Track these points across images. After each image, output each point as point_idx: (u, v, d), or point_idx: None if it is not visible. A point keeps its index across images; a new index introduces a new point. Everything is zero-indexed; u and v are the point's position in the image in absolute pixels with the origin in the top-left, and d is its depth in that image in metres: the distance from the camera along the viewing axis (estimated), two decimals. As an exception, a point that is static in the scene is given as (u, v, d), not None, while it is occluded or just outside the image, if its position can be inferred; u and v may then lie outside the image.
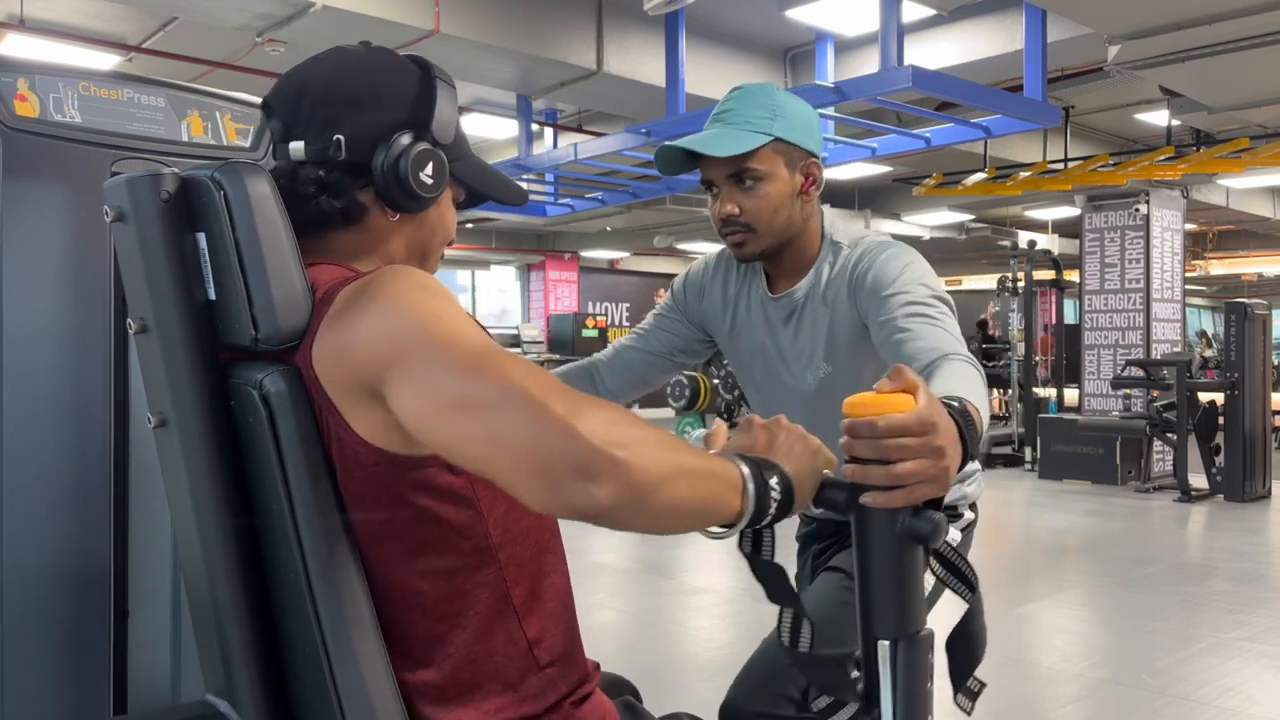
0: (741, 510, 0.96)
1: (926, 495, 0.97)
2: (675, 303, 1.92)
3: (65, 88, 1.60)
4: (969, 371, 1.34)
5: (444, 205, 1.21)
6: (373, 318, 0.96)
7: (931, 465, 0.96)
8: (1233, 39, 5.06)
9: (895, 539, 0.97)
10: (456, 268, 16.43)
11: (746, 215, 1.66)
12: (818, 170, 1.70)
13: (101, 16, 6.43)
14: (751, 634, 4.60)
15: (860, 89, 5.45)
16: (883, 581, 0.98)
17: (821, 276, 1.72)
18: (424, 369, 0.91)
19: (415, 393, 0.91)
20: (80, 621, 1.59)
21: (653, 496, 0.86)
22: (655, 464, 0.87)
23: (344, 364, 0.98)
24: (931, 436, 0.96)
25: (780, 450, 1.02)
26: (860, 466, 0.96)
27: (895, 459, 0.95)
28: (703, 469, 0.93)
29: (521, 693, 1.08)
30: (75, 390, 1.59)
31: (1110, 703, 3.57)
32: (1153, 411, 8.51)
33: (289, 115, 1.13)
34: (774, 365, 1.80)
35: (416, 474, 1.01)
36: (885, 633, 0.98)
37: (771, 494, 0.97)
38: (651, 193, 9.06)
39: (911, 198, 10.54)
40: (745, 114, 1.64)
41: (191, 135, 1.74)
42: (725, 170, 1.65)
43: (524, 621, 1.09)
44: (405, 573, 1.05)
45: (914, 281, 1.57)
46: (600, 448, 0.83)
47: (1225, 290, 21.39)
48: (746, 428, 1.05)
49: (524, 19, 5.95)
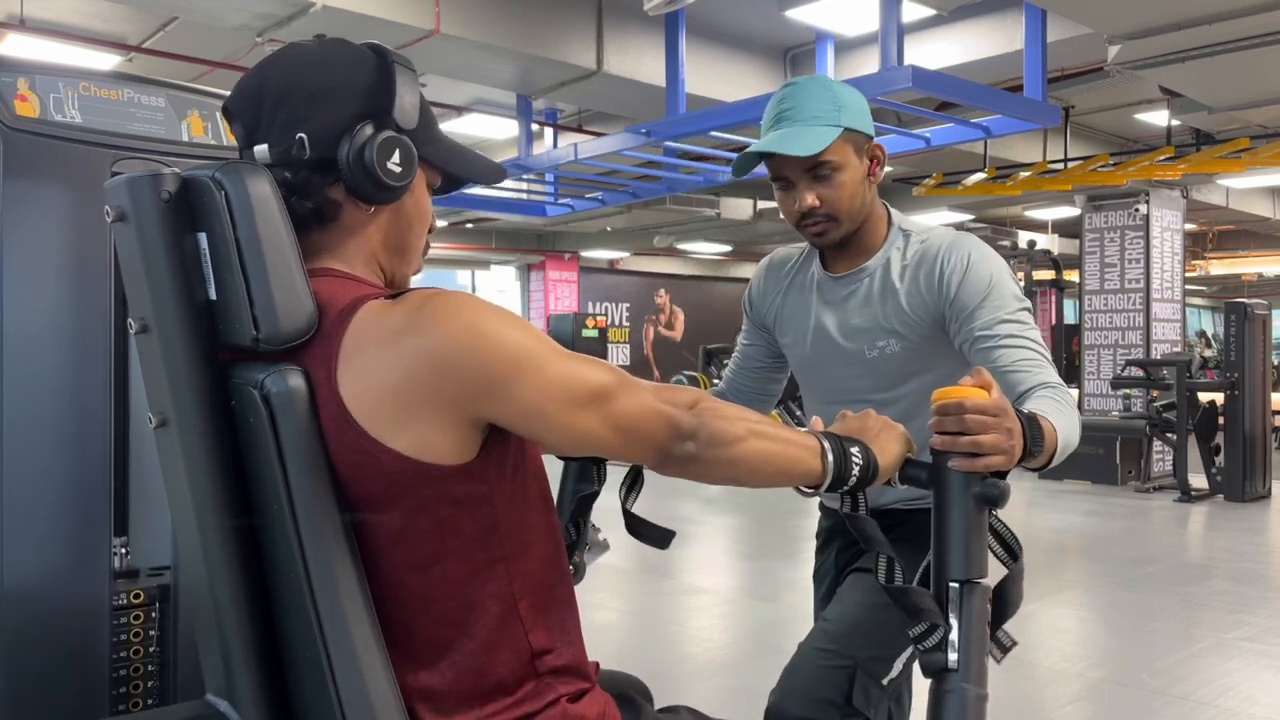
0: (823, 470, 1.16)
1: (997, 465, 1.19)
2: (748, 317, 2.04)
3: (65, 88, 1.60)
4: (1061, 399, 1.54)
5: (419, 192, 1.19)
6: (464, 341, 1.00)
7: (1004, 439, 1.19)
8: (1233, 39, 5.05)
9: (970, 501, 1.18)
10: (456, 268, 16.44)
11: (827, 206, 1.73)
12: (881, 151, 1.80)
13: (101, 16, 6.43)
14: (751, 634, 4.61)
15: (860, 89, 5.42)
16: (958, 534, 1.19)
17: (892, 259, 1.80)
18: (537, 380, 1.01)
19: (536, 401, 1.01)
20: (80, 621, 1.59)
21: (732, 447, 1.09)
22: (730, 425, 1.10)
23: (408, 385, 0.99)
24: (1004, 419, 1.20)
25: (870, 433, 1.24)
26: (949, 436, 1.18)
27: (976, 432, 1.17)
28: (780, 435, 1.15)
29: (518, 696, 1.09)
30: (75, 390, 1.59)
31: (1110, 703, 3.57)
32: (1153, 411, 8.52)
33: (250, 119, 1.12)
34: (828, 342, 1.85)
35: (443, 484, 1.02)
36: (957, 575, 1.18)
37: (853, 460, 1.18)
38: (651, 193, 9.05)
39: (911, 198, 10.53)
40: (811, 109, 1.71)
41: (192, 135, 1.74)
42: (801, 166, 1.71)
43: (530, 633, 1.09)
44: (419, 579, 1.05)
45: (1002, 292, 1.68)
46: (689, 416, 1.08)
47: (1225, 290, 21.38)
48: (841, 418, 1.29)
49: (524, 19, 5.95)
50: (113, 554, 1.63)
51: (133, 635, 1.65)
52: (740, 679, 3.81)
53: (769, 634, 4.42)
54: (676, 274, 18.15)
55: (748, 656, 4.13)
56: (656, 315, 18.08)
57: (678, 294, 18.23)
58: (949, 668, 1.16)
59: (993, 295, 1.67)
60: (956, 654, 1.16)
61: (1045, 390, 1.55)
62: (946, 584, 1.19)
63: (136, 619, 1.65)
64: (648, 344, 17.92)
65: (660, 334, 18.07)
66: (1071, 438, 1.46)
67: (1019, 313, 1.68)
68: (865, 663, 1.62)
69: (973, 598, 1.18)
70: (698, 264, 18.27)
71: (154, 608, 1.67)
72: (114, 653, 1.62)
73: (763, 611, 4.90)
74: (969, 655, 1.16)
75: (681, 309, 18.25)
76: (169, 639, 1.68)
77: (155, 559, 1.69)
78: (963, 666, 1.16)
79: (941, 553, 1.20)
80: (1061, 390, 1.56)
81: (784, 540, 6.71)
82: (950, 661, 1.16)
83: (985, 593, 1.19)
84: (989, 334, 1.65)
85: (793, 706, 1.64)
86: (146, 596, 1.66)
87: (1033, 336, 1.66)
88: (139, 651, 1.65)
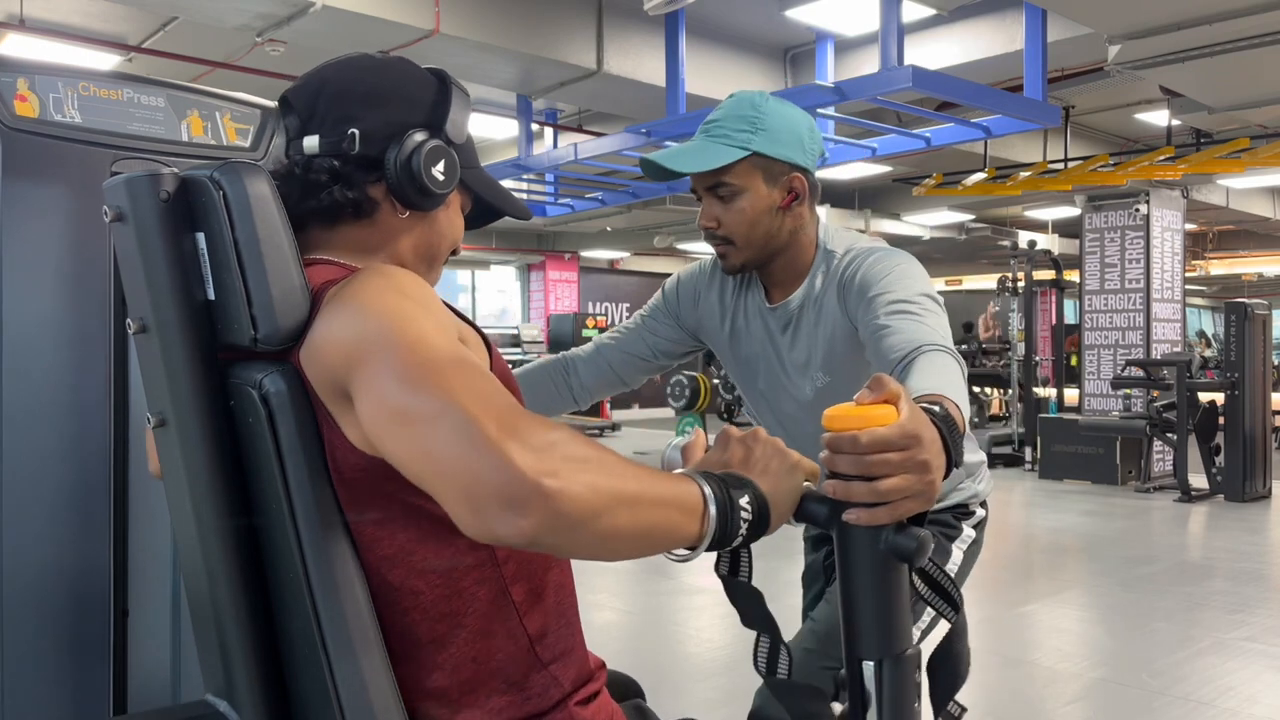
0: (701, 534, 0.93)
1: (911, 511, 0.93)
2: (666, 304, 1.90)
3: (65, 88, 1.60)
4: (947, 363, 1.30)
5: (453, 209, 1.23)
6: (344, 318, 0.97)
7: (916, 480, 0.93)
8: (1233, 39, 5.05)
9: (879, 557, 0.94)
10: (457, 268, 16.43)
11: (724, 228, 1.67)
12: (800, 184, 1.67)
13: (101, 16, 6.43)
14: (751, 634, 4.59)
15: (860, 89, 5.45)
16: (866, 601, 0.96)
17: (815, 285, 1.71)
18: (376, 374, 0.90)
19: (366, 399, 0.91)
20: (80, 621, 1.59)
21: (586, 527, 0.83)
22: (590, 493, 0.82)
23: (320, 364, 0.99)
24: (915, 451, 0.92)
25: (757, 466, 0.98)
26: (843, 483, 0.93)
27: (879, 475, 0.92)
28: (651, 495, 0.89)
29: (526, 692, 1.08)
30: (75, 390, 1.59)
31: (1110, 703, 3.57)
32: (1153, 411, 8.51)
33: (306, 111, 1.15)
34: (775, 374, 1.80)
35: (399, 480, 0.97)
36: (870, 653, 0.95)
37: (741, 514, 0.93)
38: (651, 193, 9.06)
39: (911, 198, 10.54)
40: (726, 126, 1.64)
41: (191, 135, 1.74)
42: (705, 182, 1.66)
43: (525, 618, 1.09)
44: (402, 573, 1.04)
45: (900, 280, 1.53)
46: (529, 476, 0.80)
47: (1225, 290, 21.38)
48: (723, 442, 1.02)
49: (524, 19, 5.95)
50: (112, 553, 1.63)
51: (133, 635, 1.65)
52: (740, 679, 3.81)
53: (769, 634, 4.42)
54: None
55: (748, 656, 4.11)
56: (656, 315, 18.08)
57: (678, 294, 18.23)
58: None
59: (888, 283, 1.52)
60: None
61: (933, 350, 1.33)
62: (859, 664, 0.96)
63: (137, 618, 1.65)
64: (648, 344, 17.92)
65: (660, 334, 18.06)
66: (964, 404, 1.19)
67: (917, 296, 1.49)
68: None
69: (895, 674, 0.95)
70: (698, 264, 18.27)
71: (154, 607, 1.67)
72: (114, 652, 1.62)
73: (763, 611, 4.88)
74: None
75: (681, 309, 18.25)
76: (170, 639, 1.68)
77: (155, 558, 1.69)
78: None
79: (851, 626, 0.97)
80: (954, 354, 1.34)
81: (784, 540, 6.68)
82: None
83: (912, 663, 0.97)
84: (875, 316, 1.48)
85: (777, 706, 1.63)
86: (147, 596, 1.66)
87: (929, 320, 1.44)
88: (139, 651, 1.65)
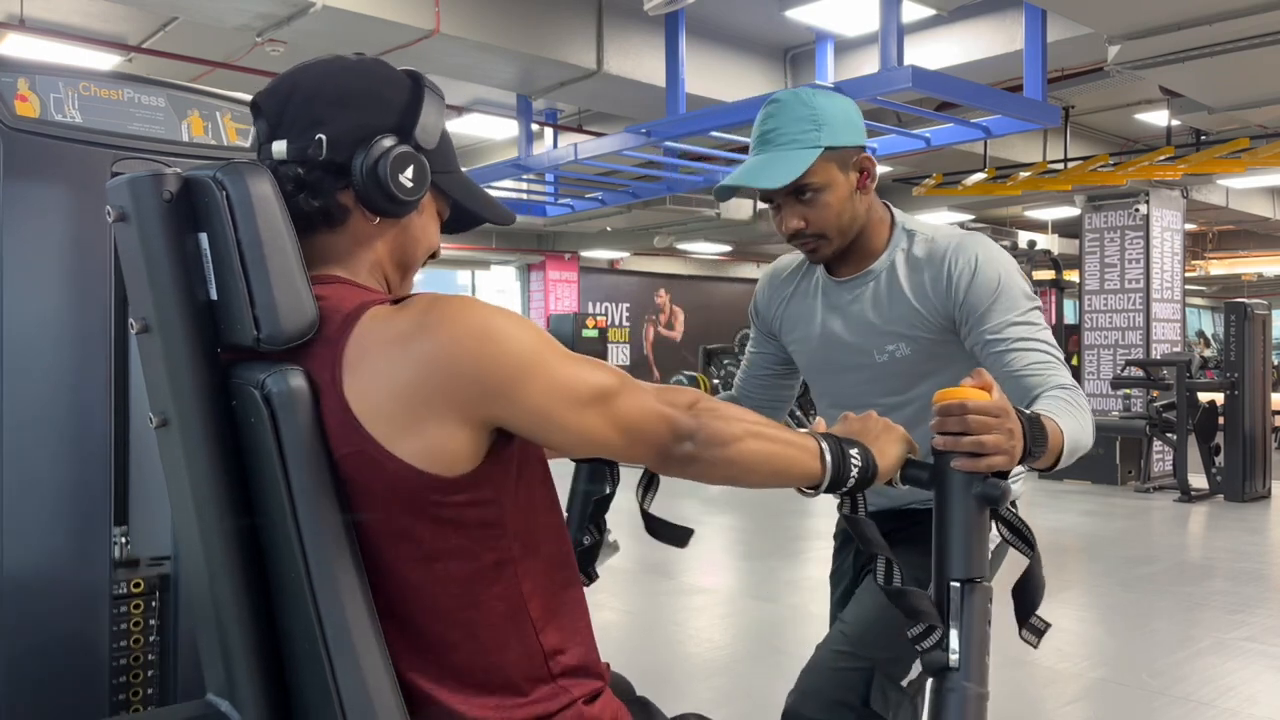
0: (822, 472, 1.18)
1: (998, 465, 1.21)
2: (755, 325, 2.03)
3: (66, 88, 1.60)
4: (1072, 400, 1.55)
5: (427, 215, 1.21)
6: (469, 344, 1.00)
7: (1005, 440, 1.21)
8: (1233, 39, 5.05)
9: (970, 501, 1.21)
10: (456, 268, 16.44)
11: (813, 227, 1.71)
12: (869, 163, 1.74)
13: (101, 16, 6.43)
14: (751, 634, 4.60)
15: (860, 89, 5.45)
16: (959, 535, 1.21)
17: (897, 262, 1.77)
18: (546, 380, 1.02)
19: (543, 399, 1.02)
20: (80, 621, 1.59)
21: (730, 448, 1.11)
22: (730, 425, 1.12)
23: (416, 390, 0.99)
24: (1005, 419, 1.22)
25: (870, 434, 1.26)
26: (951, 438, 1.20)
27: (979, 433, 1.19)
28: (778, 436, 1.17)
29: (533, 698, 1.09)
30: (75, 390, 1.59)
31: (1110, 703, 3.57)
32: (1152, 411, 8.51)
33: (275, 115, 1.13)
34: (836, 348, 1.85)
35: (446, 491, 1.02)
36: (958, 574, 1.20)
37: (852, 462, 1.20)
38: (651, 193, 9.06)
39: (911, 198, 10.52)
40: (789, 131, 1.67)
41: (192, 135, 1.74)
42: (784, 190, 1.69)
43: (541, 634, 1.10)
44: (421, 576, 1.05)
45: (1012, 292, 1.67)
46: (686, 418, 1.09)
47: (1225, 290, 21.38)
48: (842, 419, 1.31)
49: (524, 19, 5.95)
50: (113, 544, 1.63)
51: (133, 624, 1.65)
52: (740, 679, 3.81)
53: (769, 634, 4.43)
54: (676, 274, 18.15)
55: (748, 656, 4.13)
56: (656, 315, 18.08)
57: (678, 294, 18.22)
58: (950, 666, 1.18)
59: (1002, 296, 1.67)
60: (958, 653, 1.18)
61: (1057, 392, 1.56)
62: (947, 583, 1.20)
63: (136, 608, 1.65)
64: (648, 344, 17.92)
65: (660, 334, 18.06)
66: (1081, 438, 1.47)
67: (1029, 313, 1.67)
68: (883, 664, 1.62)
69: (973, 597, 1.19)
70: (698, 264, 18.27)
71: (154, 597, 1.67)
72: (114, 641, 1.63)
73: (763, 611, 4.90)
74: (970, 654, 1.18)
75: (681, 309, 18.24)
76: (169, 628, 1.69)
77: (155, 549, 1.69)
78: (964, 665, 1.17)
79: (942, 553, 1.22)
80: (1074, 392, 1.57)
81: (784, 540, 6.71)
82: (951, 660, 1.17)
83: (986, 592, 1.21)
84: (1000, 337, 1.65)
85: (809, 708, 1.64)
86: (146, 586, 1.66)
87: (1044, 338, 1.66)
88: (139, 640, 1.66)
